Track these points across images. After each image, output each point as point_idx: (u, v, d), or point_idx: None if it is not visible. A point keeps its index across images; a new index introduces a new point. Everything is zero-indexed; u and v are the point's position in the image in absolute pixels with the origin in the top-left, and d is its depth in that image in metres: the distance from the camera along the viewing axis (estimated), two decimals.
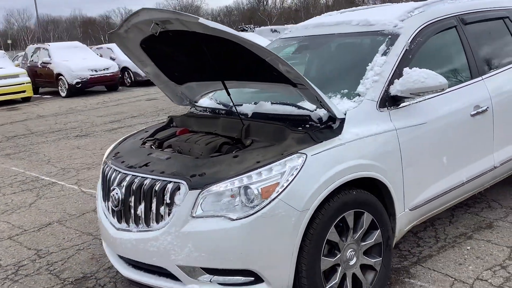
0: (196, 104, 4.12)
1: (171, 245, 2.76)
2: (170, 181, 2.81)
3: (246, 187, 2.67)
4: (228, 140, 3.30)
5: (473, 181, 3.76)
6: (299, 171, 2.72)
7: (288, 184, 2.68)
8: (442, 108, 3.48)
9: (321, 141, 2.89)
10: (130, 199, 2.97)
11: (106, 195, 3.24)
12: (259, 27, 27.38)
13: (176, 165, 2.96)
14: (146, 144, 3.59)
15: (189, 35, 3.07)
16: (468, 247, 3.76)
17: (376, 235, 3.08)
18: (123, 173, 3.07)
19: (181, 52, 3.48)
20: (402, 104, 3.28)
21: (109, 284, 3.68)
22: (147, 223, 2.89)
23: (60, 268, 4.03)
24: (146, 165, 3.07)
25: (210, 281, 2.75)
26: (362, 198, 2.97)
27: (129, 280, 3.14)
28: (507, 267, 3.44)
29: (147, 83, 18.88)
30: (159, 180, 2.85)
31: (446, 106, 3.51)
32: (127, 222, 3.00)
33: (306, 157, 2.77)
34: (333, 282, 2.91)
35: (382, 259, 3.12)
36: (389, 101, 3.23)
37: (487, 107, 3.75)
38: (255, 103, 3.52)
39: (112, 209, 3.11)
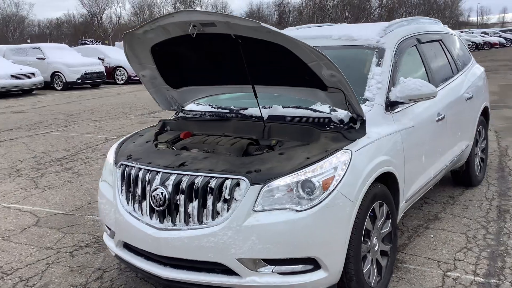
0: (184, 109, 4.17)
1: (232, 239, 2.85)
2: (228, 178, 2.89)
3: (307, 181, 2.88)
4: (250, 141, 3.46)
5: (436, 177, 4.39)
6: (348, 166, 3.01)
7: (342, 177, 2.96)
8: (421, 114, 4.03)
9: (355, 140, 3.21)
10: (177, 198, 2.98)
11: (136, 196, 3.18)
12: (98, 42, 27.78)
13: (221, 164, 3.05)
14: (158, 146, 3.58)
15: (219, 39, 3.20)
16: (432, 235, 4.34)
17: (390, 224, 3.48)
18: (164, 172, 3.07)
19: (199, 55, 3.56)
20: (396, 110, 3.74)
21: None
22: (200, 221, 2.93)
23: (40, 283, 3.78)
24: (183, 164, 3.11)
25: (272, 271, 2.88)
26: (383, 191, 3.35)
27: (168, 281, 3.11)
28: (472, 248, 4.06)
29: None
30: (214, 177, 2.92)
31: (422, 112, 4.06)
32: (173, 221, 3.00)
33: (351, 153, 3.07)
34: (368, 267, 3.23)
35: (392, 246, 3.53)
36: (390, 106, 3.67)
37: (444, 115, 4.40)
38: (264, 107, 3.72)
39: (151, 210, 3.07)
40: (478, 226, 4.52)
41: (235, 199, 2.86)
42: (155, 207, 3.04)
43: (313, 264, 2.90)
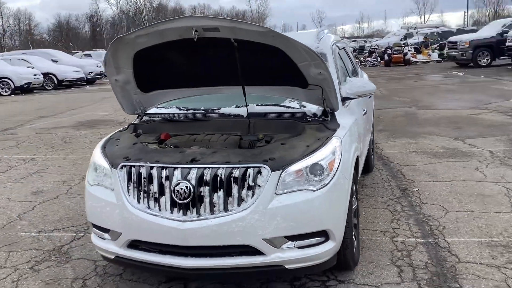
0: (148, 112, 4.33)
1: (259, 221, 3.19)
2: (250, 167, 3.23)
3: (316, 164, 3.35)
4: (237, 136, 3.81)
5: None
6: (341, 150, 3.55)
7: (340, 160, 3.48)
8: (357, 108, 4.74)
9: (335, 130, 3.76)
10: (201, 190, 3.22)
11: (150, 194, 3.32)
12: None
13: (234, 156, 3.36)
14: (149, 146, 3.73)
15: (209, 42, 3.52)
16: (363, 213, 5.06)
17: (355, 200, 4.09)
18: (183, 168, 3.27)
19: (182, 59, 3.79)
20: (346, 104, 4.39)
21: None
22: (226, 208, 3.22)
23: None
24: (194, 160, 3.35)
25: (293, 246, 3.29)
26: (355, 172, 3.96)
27: (192, 271, 3.31)
28: (399, 219, 4.87)
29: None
30: (237, 167, 3.23)
31: (357, 106, 4.78)
32: (198, 212, 3.23)
33: (341, 139, 3.61)
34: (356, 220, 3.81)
35: (357, 219, 4.15)
36: (342, 101, 4.30)
37: (366, 110, 5.18)
38: (238, 106, 4.09)
39: (172, 204, 3.25)
40: (393, 202, 5.36)
41: (258, 186, 3.19)
42: (178, 201, 3.21)
43: (325, 236, 3.35)
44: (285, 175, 3.23)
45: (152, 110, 4.33)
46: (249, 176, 3.19)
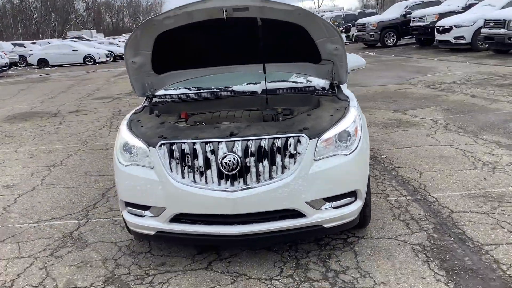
0: (157, 94, 4.45)
1: (302, 186, 3.49)
2: (290, 137, 3.51)
3: (345, 131, 3.70)
4: (259, 112, 4.07)
5: None
6: (360, 118, 3.93)
7: (361, 127, 3.86)
8: None
9: (347, 100, 4.13)
10: (247, 161, 3.46)
11: (195, 168, 3.50)
12: None
13: (270, 128, 3.62)
14: (179, 124, 3.89)
15: (232, 22, 3.76)
16: None
17: None
18: (227, 141, 3.48)
19: (202, 39, 3.97)
20: None
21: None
22: (271, 176, 3.48)
23: (61, 284, 3.71)
24: (232, 134, 3.58)
25: (330, 207, 3.63)
26: None
27: (240, 237, 3.54)
28: (383, 181, 5.36)
29: None
30: (278, 138, 3.50)
31: None
32: (245, 182, 3.47)
33: (357, 109, 3.99)
34: None
35: None
36: None
37: None
38: (247, 84, 4.33)
39: (219, 176, 3.46)
40: (370, 169, 5.83)
41: (299, 153, 3.48)
42: (226, 173, 3.42)
43: (354, 196, 3.71)
44: (320, 142, 3.53)
45: (161, 92, 4.44)
46: (290, 145, 3.46)
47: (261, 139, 3.46)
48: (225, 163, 3.40)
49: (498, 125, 7.27)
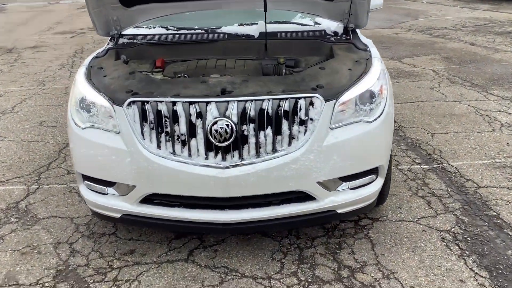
0: (125, 34, 3.49)
1: (314, 162, 2.69)
2: (301, 97, 2.66)
3: (369, 91, 2.86)
4: (256, 61, 3.19)
5: None
6: (385, 73, 3.09)
7: (387, 86, 3.03)
8: None
9: (366, 49, 3.27)
10: (244, 128, 2.62)
11: (176, 136, 2.65)
12: None
13: (273, 85, 2.77)
14: (154, 76, 3.00)
15: None
16: None
17: None
18: (218, 102, 2.62)
19: None
20: None
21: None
22: (274, 149, 2.66)
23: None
24: (224, 92, 2.71)
25: (347, 188, 2.84)
26: None
27: (234, 225, 2.75)
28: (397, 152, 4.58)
29: None
30: (285, 99, 2.65)
31: None
32: (241, 156, 2.64)
33: (381, 60, 3.14)
34: None
35: None
36: None
37: None
38: (240, 25, 3.42)
39: (209, 147, 2.62)
40: None
41: (311, 119, 2.65)
42: (216, 143, 2.58)
43: (376, 173, 2.93)
44: (338, 105, 2.70)
45: (129, 31, 3.50)
46: (300, 109, 2.62)
47: (263, 100, 2.60)
48: (216, 130, 2.55)
49: (508, 79, 6.54)
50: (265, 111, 2.59)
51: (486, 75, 6.75)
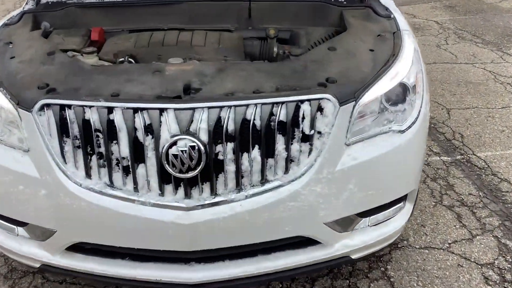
0: None
1: (321, 196, 1.81)
2: (303, 100, 1.74)
3: (401, 85, 1.95)
4: (236, 33, 2.23)
5: None
6: (418, 52, 2.17)
7: (423, 73, 2.12)
8: None
9: (390, 16, 2.33)
10: (219, 150, 1.70)
11: (114, 160, 1.73)
12: None
13: (261, 77, 1.84)
14: (84, 59, 2.02)
15: None
16: None
17: None
18: (179, 109, 1.68)
19: None
20: None
21: None
22: (263, 179, 1.76)
23: None
24: (188, 90, 1.77)
25: (367, 225, 1.97)
26: None
27: (199, 286, 1.88)
28: None
29: None
30: (280, 103, 1.72)
31: None
32: (214, 191, 1.73)
33: (413, 35, 2.22)
34: None
35: None
36: None
37: None
38: None
39: (166, 179, 1.71)
40: None
41: (319, 133, 1.75)
42: (176, 175, 1.66)
43: (403, 199, 2.07)
44: (358, 109, 1.78)
45: None
46: (303, 118, 1.70)
47: (247, 105, 1.66)
48: (175, 155, 1.62)
49: None
50: (251, 123, 1.66)
51: (497, 29, 5.84)
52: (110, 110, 1.68)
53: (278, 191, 1.74)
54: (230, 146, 1.68)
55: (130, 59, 2.04)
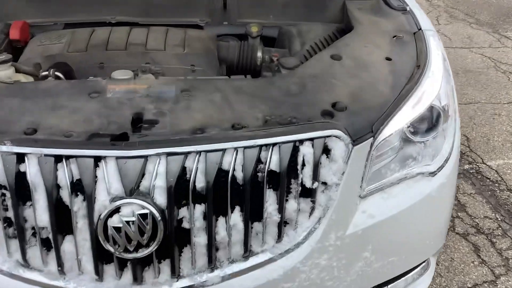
0: None
1: (327, 270, 1.30)
2: (303, 140, 1.21)
3: (431, 109, 1.44)
4: (206, 31, 1.67)
5: None
6: (446, 60, 1.66)
7: (453, 87, 1.61)
8: None
9: (406, 7, 1.81)
10: (182, 216, 1.17)
11: (27, 230, 1.18)
12: None
13: (242, 101, 1.30)
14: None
15: None
16: None
17: None
18: (123, 157, 1.13)
19: None
20: None
21: None
22: (248, 251, 1.24)
23: None
24: (140, 125, 1.23)
25: None
26: None
27: None
28: None
29: None
30: (270, 145, 1.18)
31: None
32: (177, 272, 1.21)
33: (436, 34, 1.72)
34: None
35: None
36: None
37: None
38: None
39: (107, 257, 1.18)
40: None
41: (325, 184, 1.22)
42: (119, 255, 1.12)
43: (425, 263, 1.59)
44: (378, 146, 1.26)
45: None
46: (303, 165, 1.17)
47: (223, 150, 1.12)
48: (116, 228, 1.07)
49: None
50: (230, 175, 1.13)
51: (491, 8, 5.39)
52: (21, 157, 1.12)
53: (268, 268, 1.24)
54: (199, 209, 1.16)
55: (57, 73, 1.46)
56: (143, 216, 1.11)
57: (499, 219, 2.43)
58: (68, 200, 1.13)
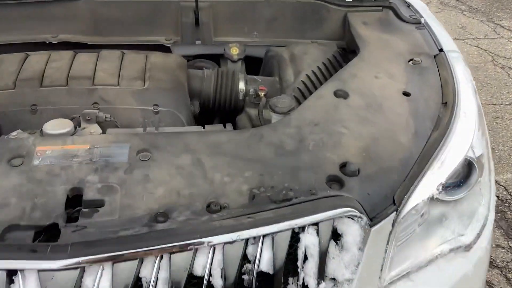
0: None
1: None
2: (303, 226, 0.88)
3: (464, 163, 1.11)
4: (174, 55, 1.32)
5: None
6: (475, 90, 1.34)
7: (486, 130, 1.29)
8: None
9: (420, 19, 1.49)
10: None
11: None
12: None
13: (219, 169, 0.96)
14: None
15: None
16: None
17: None
18: (46, 270, 0.79)
19: None
20: None
21: None
22: None
23: None
24: (77, 210, 0.89)
25: None
26: None
27: None
28: None
29: None
30: (259, 237, 0.85)
31: None
32: None
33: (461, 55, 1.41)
34: None
35: None
36: None
37: None
38: None
39: None
40: None
41: (335, 280, 0.89)
42: None
43: None
44: (401, 223, 0.93)
45: None
46: (305, 258, 0.86)
47: (194, 250, 0.78)
48: None
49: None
50: (203, 285, 0.79)
51: None
52: None
53: None
54: None
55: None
56: None
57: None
58: None
